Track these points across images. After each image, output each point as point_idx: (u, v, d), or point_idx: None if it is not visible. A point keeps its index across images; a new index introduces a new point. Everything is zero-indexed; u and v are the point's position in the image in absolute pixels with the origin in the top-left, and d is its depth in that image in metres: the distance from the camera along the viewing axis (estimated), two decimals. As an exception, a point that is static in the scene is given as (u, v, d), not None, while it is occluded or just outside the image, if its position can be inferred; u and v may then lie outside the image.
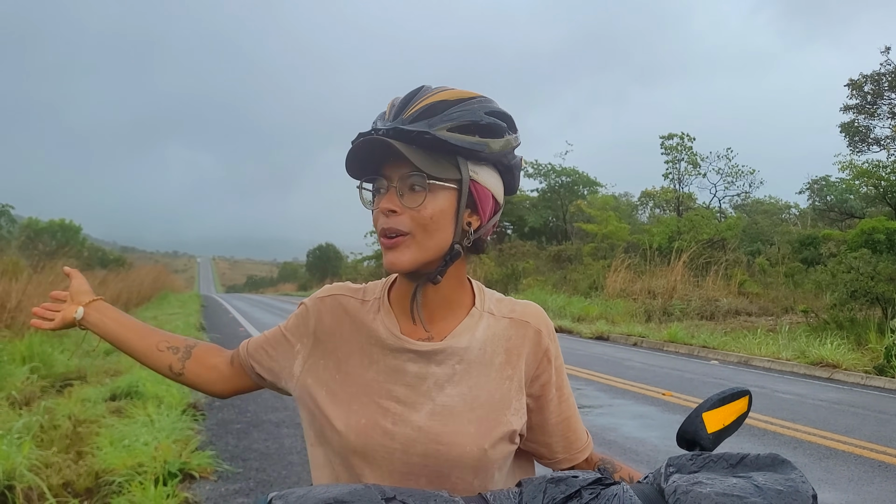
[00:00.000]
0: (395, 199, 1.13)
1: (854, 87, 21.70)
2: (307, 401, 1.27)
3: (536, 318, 1.30)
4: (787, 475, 0.88)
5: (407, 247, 1.14)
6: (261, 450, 5.74)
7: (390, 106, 1.18)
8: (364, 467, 1.18)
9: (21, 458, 4.39)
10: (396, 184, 1.14)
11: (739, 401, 1.15)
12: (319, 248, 71.16)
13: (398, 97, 1.19)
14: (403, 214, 1.13)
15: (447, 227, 1.15)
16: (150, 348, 1.44)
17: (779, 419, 7.33)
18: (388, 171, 1.15)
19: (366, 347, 1.24)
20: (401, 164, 1.13)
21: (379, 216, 1.15)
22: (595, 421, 7.10)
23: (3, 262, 13.37)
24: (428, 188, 1.13)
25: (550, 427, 1.29)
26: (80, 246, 42.01)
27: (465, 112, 1.14)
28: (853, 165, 22.28)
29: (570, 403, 1.32)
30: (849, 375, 10.77)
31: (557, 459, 1.32)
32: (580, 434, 1.33)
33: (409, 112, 1.13)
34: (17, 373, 7.24)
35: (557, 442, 1.31)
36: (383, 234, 1.15)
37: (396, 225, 1.13)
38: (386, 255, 1.15)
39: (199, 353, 1.45)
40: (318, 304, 1.31)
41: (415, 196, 1.13)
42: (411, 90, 1.18)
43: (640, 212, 39.32)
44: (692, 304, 20.49)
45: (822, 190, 31.38)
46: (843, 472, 5.50)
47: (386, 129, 1.12)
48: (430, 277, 1.19)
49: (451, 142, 1.12)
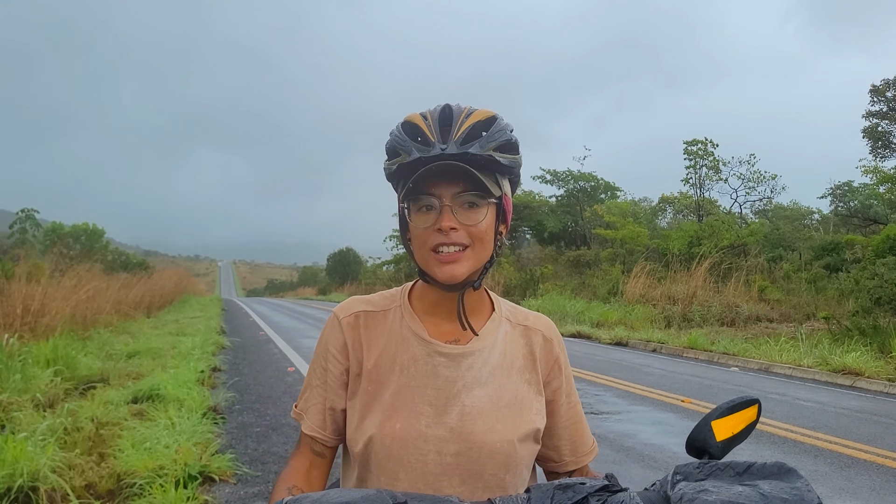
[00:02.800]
0: (453, 217, 1.20)
1: (877, 93, 21.45)
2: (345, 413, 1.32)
3: (548, 328, 1.39)
4: (792, 483, 0.89)
5: (466, 259, 1.21)
6: (280, 453, 5.78)
7: (425, 126, 1.21)
8: (399, 470, 1.22)
9: (45, 459, 4.46)
10: (449, 202, 1.20)
11: (749, 409, 1.16)
12: (339, 252, 71.39)
13: (423, 115, 1.23)
14: (461, 230, 1.20)
15: (492, 238, 1.24)
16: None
17: (800, 427, 7.25)
18: (437, 190, 1.20)
19: (395, 355, 1.29)
20: (453, 183, 1.20)
21: (431, 233, 1.20)
22: (613, 427, 7.07)
23: (27, 265, 13.57)
24: (485, 206, 1.22)
25: (559, 431, 1.37)
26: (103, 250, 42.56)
27: (500, 132, 1.21)
28: (878, 170, 22.02)
29: (577, 409, 1.40)
30: (871, 383, 10.63)
31: (565, 462, 1.39)
32: (586, 439, 1.40)
33: (457, 134, 1.19)
34: (41, 375, 7.35)
35: (565, 445, 1.38)
36: (438, 250, 1.20)
37: (459, 240, 1.20)
38: (442, 269, 1.20)
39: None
40: (338, 327, 1.34)
41: (473, 213, 1.21)
42: (440, 110, 1.23)
43: (660, 217, 39.07)
44: (712, 310, 20.31)
45: (845, 195, 31.03)
46: (864, 481, 5.44)
47: (453, 153, 1.18)
48: (474, 284, 1.26)
49: (502, 162, 1.20)
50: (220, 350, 12.73)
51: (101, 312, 13.81)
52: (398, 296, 1.36)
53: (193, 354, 10.52)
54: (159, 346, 11.34)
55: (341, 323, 1.33)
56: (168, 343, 12.08)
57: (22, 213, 45.26)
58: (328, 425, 1.32)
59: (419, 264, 1.25)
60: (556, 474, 1.41)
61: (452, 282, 1.21)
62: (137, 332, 14.31)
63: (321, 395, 1.33)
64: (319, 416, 1.33)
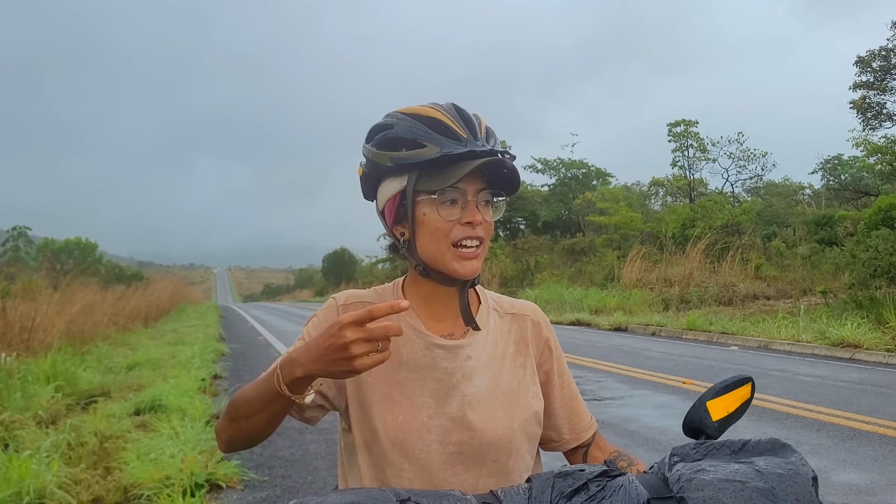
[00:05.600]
0: (479, 212, 1.23)
1: (863, 64, 21.49)
2: (345, 407, 1.31)
3: (535, 312, 1.43)
4: (787, 458, 0.90)
5: (482, 255, 1.25)
6: (286, 457, 5.79)
7: (450, 121, 1.22)
8: (404, 462, 1.24)
9: (51, 476, 4.46)
10: (473, 197, 1.23)
11: (742, 388, 1.18)
12: (334, 252, 71.34)
13: (440, 110, 1.24)
14: (480, 225, 1.23)
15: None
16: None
17: (801, 402, 7.30)
18: (463, 185, 1.22)
19: (394, 349, 1.27)
20: (478, 179, 1.23)
21: (455, 226, 1.22)
22: (616, 412, 7.10)
23: (22, 282, 13.54)
24: (499, 203, 1.28)
25: (556, 410, 1.41)
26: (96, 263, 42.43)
27: (495, 132, 1.27)
28: (867, 142, 22.06)
29: (571, 388, 1.44)
30: (870, 355, 10.69)
31: (565, 440, 1.43)
32: (583, 416, 1.44)
33: (480, 134, 1.23)
34: (41, 392, 7.33)
35: (563, 424, 1.42)
36: (462, 244, 1.22)
37: (482, 234, 1.24)
38: (463, 264, 1.23)
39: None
40: (336, 311, 1.34)
41: (489, 210, 1.25)
42: (454, 107, 1.26)
43: (653, 201, 39.15)
44: (709, 290, 20.40)
45: (836, 169, 31.11)
46: (867, 452, 5.48)
47: (496, 151, 1.22)
48: (475, 280, 1.30)
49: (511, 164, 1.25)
50: (220, 357, 12.72)
51: (98, 326, 13.79)
52: (391, 290, 1.37)
53: (193, 363, 10.51)
54: (159, 357, 11.33)
55: (339, 308, 1.33)
56: (167, 353, 12.07)
57: (14, 231, 45.14)
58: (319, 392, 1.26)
59: (426, 258, 1.24)
60: (563, 452, 1.45)
61: (472, 276, 1.25)
62: (136, 343, 14.29)
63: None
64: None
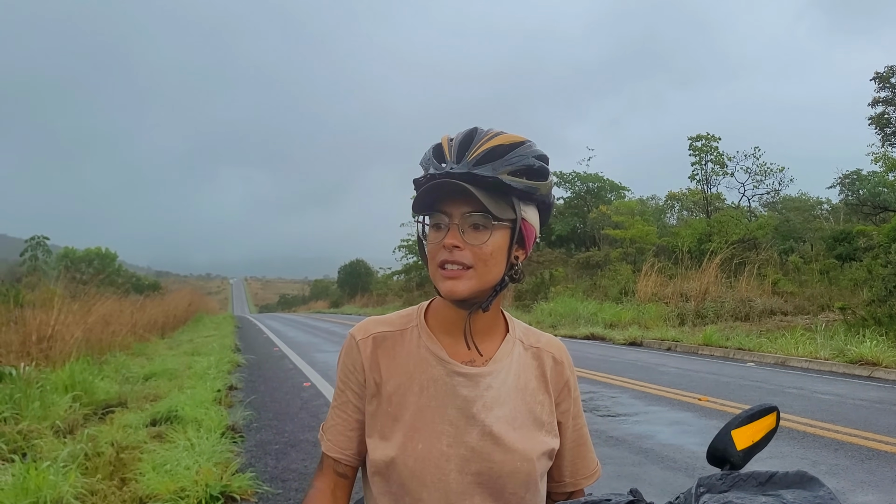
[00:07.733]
0: (458, 236, 1.22)
1: (881, 80, 21.36)
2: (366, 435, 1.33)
3: (559, 351, 1.41)
4: (815, 492, 0.89)
5: (469, 279, 1.22)
6: (300, 470, 5.79)
7: (447, 146, 1.25)
8: (422, 490, 1.24)
9: (67, 486, 4.49)
10: (458, 221, 1.22)
11: (768, 417, 1.17)
12: (350, 264, 71.55)
13: (450, 137, 1.27)
14: (465, 250, 1.21)
15: (501, 261, 1.25)
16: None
17: (818, 421, 7.22)
18: (448, 209, 1.23)
19: (414, 375, 1.30)
20: (463, 203, 1.22)
21: (439, 249, 1.23)
22: (630, 429, 7.05)
23: (40, 292, 13.66)
24: (492, 228, 1.22)
25: (563, 452, 1.39)
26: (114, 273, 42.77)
27: (521, 157, 1.23)
28: (886, 157, 21.90)
29: (582, 433, 1.42)
30: (889, 373, 10.56)
31: (564, 483, 1.41)
32: (589, 462, 1.43)
33: (472, 155, 1.21)
34: (59, 402, 7.38)
35: (566, 466, 1.40)
36: (443, 266, 1.23)
37: (461, 259, 1.22)
38: (444, 284, 1.23)
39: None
40: (355, 348, 1.36)
41: (478, 234, 1.22)
42: (466, 132, 1.27)
43: (669, 215, 38.98)
44: (726, 305, 20.24)
45: (854, 184, 30.87)
46: (886, 473, 5.41)
47: (459, 173, 1.20)
48: (482, 306, 1.28)
49: (514, 185, 1.22)
50: (235, 368, 12.77)
51: (115, 336, 13.87)
52: (415, 315, 1.38)
53: (209, 374, 10.54)
54: (175, 367, 11.38)
55: (358, 345, 1.35)
56: (184, 363, 12.12)
57: (32, 241, 45.58)
58: (350, 446, 1.34)
59: (431, 277, 1.28)
60: (554, 494, 1.43)
61: (451, 297, 1.23)
62: (153, 353, 14.36)
63: (341, 416, 1.35)
64: (341, 437, 1.34)
